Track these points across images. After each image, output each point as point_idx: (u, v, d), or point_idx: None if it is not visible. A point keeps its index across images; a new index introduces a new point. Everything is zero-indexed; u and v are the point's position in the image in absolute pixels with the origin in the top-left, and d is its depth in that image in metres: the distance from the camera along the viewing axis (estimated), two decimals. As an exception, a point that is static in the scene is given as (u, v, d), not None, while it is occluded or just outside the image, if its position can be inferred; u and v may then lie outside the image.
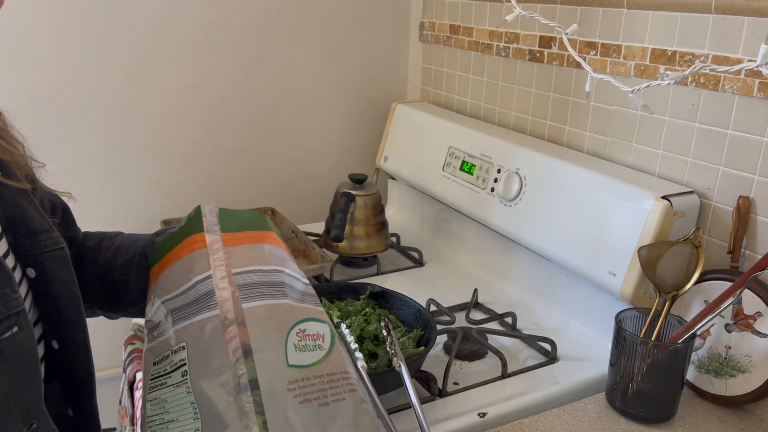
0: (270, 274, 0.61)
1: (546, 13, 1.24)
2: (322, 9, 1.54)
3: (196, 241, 0.62)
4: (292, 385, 0.56)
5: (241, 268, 0.60)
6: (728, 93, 0.96)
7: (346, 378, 0.60)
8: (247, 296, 0.59)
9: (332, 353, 0.60)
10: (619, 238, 1.01)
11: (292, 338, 0.58)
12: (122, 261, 0.74)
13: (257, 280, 0.60)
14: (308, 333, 0.60)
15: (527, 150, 1.21)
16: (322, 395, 0.57)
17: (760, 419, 0.91)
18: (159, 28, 1.39)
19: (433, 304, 1.19)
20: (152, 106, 1.42)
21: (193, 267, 0.60)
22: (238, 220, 0.64)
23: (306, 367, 0.58)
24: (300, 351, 0.58)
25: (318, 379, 0.58)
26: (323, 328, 0.61)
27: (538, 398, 0.95)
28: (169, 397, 0.57)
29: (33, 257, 0.58)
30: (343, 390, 0.59)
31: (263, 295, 0.59)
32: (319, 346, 0.60)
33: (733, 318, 0.92)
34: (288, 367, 0.56)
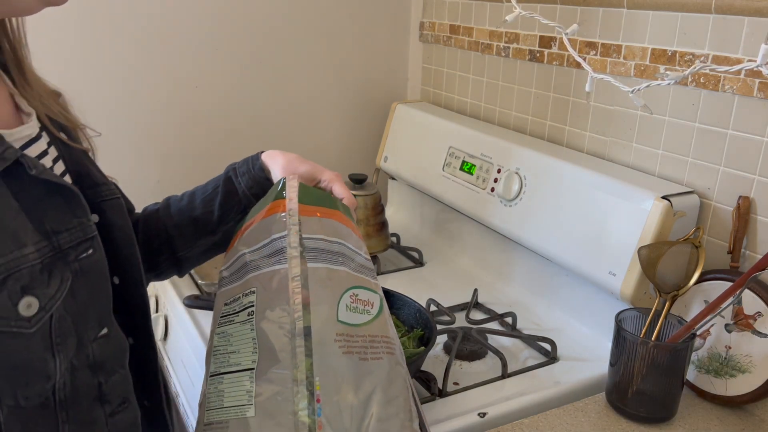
0: (333, 244, 0.70)
1: (546, 13, 1.24)
2: (322, 9, 1.54)
3: (278, 206, 0.72)
4: (339, 337, 0.64)
5: (311, 234, 0.70)
6: (728, 93, 0.96)
7: (387, 342, 0.68)
8: (312, 258, 0.68)
9: (377, 319, 0.69)
10: (619, 238, 1.01)
11: (345, 299, 0.67)
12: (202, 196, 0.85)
13: (322, 246, 0.69)
14: (360, 298, 0.69)
15: (527, 150, 1.21)
16: (363, 351, 0.65)
17: (760, 419, 0.91)
18: (159, 28, 1.39)
19: (433, 304, 1.19)
20: (152, 106, 1.42)
21: (272, 227, 0.70)
22: (313, 196, 0.74)
23: (352, 325, 0.66)
24: (350, 311, 0.67)
25: (361, 337, 0.66)
26: (374, 297, 0.70)
27: (538, 398, 0.95)
28: (235, 332, 0.67)
29: (96, 205, 0.67)
30: (382, 351, 0.67)
31: (325, 259, 0.68)
32: (367, 311, 0.69)
33: (733, 318, 0.92)
34: (337, 322, 0.65)
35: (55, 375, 0.55)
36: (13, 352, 0.51)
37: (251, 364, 0.64)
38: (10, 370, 0.52)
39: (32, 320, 0.52)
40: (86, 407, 0.60)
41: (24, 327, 0.51)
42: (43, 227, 0.55)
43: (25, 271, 0.52)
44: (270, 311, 0.65)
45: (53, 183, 0.57)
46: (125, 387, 0.65)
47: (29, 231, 0.53)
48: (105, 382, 0.61)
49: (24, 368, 0.53)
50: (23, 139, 0.60)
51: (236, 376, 0.65)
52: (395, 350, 0.68)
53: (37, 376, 0.54)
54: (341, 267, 0.69)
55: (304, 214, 0.71)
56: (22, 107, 0.63)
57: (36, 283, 0.52)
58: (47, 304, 0.53)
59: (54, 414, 0.56)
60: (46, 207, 0.56)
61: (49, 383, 0.55)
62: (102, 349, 0.61)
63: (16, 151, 0.54)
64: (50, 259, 0.54)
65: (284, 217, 0.70)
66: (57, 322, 0.54)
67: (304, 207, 0.72)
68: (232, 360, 0.66)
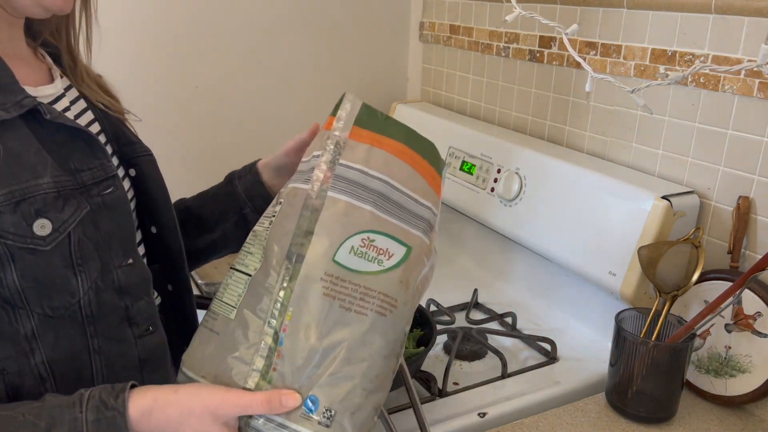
0: (372, 179, 0.65)
1: (546, 13, 1.24)
2: (322, 9, 1.54)
3: (329, 121, 0.68)
4: (327, 276, 0.61)
5: (350, 162, 0.66)
6: (728, 93, 0.96)
7: (384, 301, 0.62)
8: (337, 188, 0.65)
9: (387, 274, 0.63)
10: (619, 238, 1.01)
11: (353, 240, 0.62)
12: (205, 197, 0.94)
13: (355, 178, 0.65)
14: (375, 244, 0.63)
15: (527, 150, 1.21)
16: (348, 300, 0.61)
17: (760, 419, 0.91)
18: (158, 28, 1.39)
19: (433, 304, 1.19)
20: (152, 106, 1.42)
21: (318, 142, 0.68)
22: (377, 121, 0.69)
23: (349, 269, 0.62)
24: (354, 255, 0.62)
25: (353, 285, 0.62)
26: (397, 249, 0.64)
27: (538, 398, 0.95)
28: (258, 235, 0.67)
29: (132, 159, 0.78)
30: (371, 308, 0.62)
31: (351, 193, 0.65)
32: (379, 260, 0.63)
33: (733, 318, 0.92)
34: (331, 261, 0.62)
35: (79, 292, 0.64)
36: (34, 266, 0.61)
37: (253, 271, 0.65)
38: (33, 282, 0.61)
39: (47, 239, 0.61)
40: (115, 326, 0.69)
41: (40, 245, 0.61)
42: (68, 165, 0.65)
43: (39, 198, 0.61)
44: (281, 228, 0.64)
45: (73, 128, 0.66)
46: (151, 312, 0.72)
47: (49, 166, 0.62)
48: (131, 305, 0.70)
49: (46, 282, 0.62)
50: (49, 96, 0.70)
51: (239, 276, 0.66)
52: (390, 313, 0.63)
53: (60, 291, 0.63)
54: (367, 206, 0.64)
55: (354, 138, 0.67)
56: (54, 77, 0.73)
57: (49, 207, 0.62)
58: (60, 226, 0.62)
59: (82, 327, 0.66)
60: (70, 149, 0.66)
61: (74, 299, 0.64)
62: (127, 276, 0.69)
63: (33, 100, 0.63)
64: (69, 190, 0.64)
65: (326, 136, 0.67)
66: (77, 245, 0.64)
67: (358, 130, 0.67)
68: (246, 260, 0.66)
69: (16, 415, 0.58)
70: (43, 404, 0.60)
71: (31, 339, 0.63)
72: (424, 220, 0.68)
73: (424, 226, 0.68)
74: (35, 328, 0.63)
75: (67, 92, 0.74)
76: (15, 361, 0.63)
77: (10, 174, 0.60)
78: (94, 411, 0.59)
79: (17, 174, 0.60)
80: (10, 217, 0.59)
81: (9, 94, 0.62)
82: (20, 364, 0.63)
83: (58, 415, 0.58)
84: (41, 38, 0.76)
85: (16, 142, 0.61)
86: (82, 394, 0.60)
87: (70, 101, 0.74)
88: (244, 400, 0.61)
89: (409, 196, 0.67)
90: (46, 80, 0.72)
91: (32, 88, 0.67)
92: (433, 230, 0.69)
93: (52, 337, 0.64)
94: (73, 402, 0.60)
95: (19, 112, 0.62)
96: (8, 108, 0.61)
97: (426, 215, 0.68)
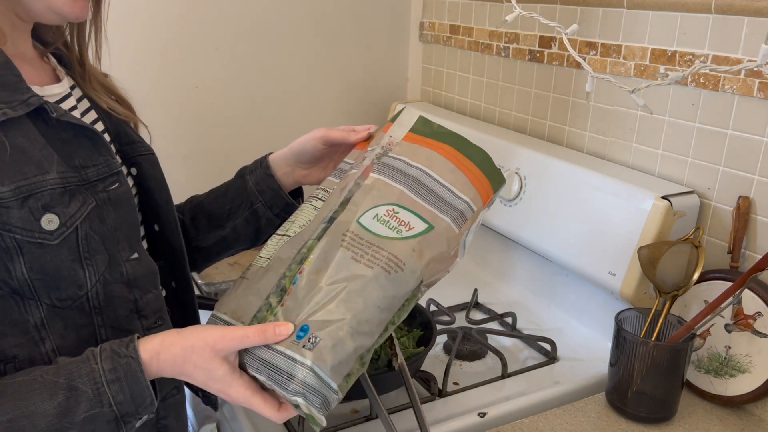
0: (411, 167, 0.73)
1: (546, 13, 1.24)
2: (322, 9, 1.54)
3: (386, 127, 0.79)
4: (348, 233, 0.69)
5: (396, 155, 0.74)
6: (728, 93, 0.96)
7: (393, 261, 0.68)
8: (378, 170, 0.73)
9: (402, 242, 0.69)
10: (619, 238, 1.01)
11: (379, 209, 0.70)
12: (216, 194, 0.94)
13: (396, 165, 0.73)
14: (399, 216, 0.70)
15: (527, 150, 1.21)
16: (361, 253, 0.67)
17: (760, 419, 0.91)
18: (158, 28, 1.39)
19: (433, 304, 1.19)
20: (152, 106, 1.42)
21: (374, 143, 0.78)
22: (430, 131, 0.77)
23: (370, 231, 0.69)
24: (378, 221, 0.69)
25: (370, 245, 0.68)
26: (419, 224, 0.70)
27: (538, 398, 0.95)
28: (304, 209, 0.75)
29: (134, 158, 0.79)
30: (379, 263, 0.67)
31: (389, 175, 0.73)
32: (398, 229, 0.70)
33: (733, 318, 0.92)
34: (356, 222, 0.69)
35: (86, 284, 0.66)
36: (42, 259, 0.63)
37: (293, 233, 0.72)
38: (41, 275, 0.64)
39: (54, 234, 0.63)
40: (124, 318, 0.71)
41: (47, 239, 0.63)
42: (72, 162, 0.67)
43: (46, 193, 0.63)
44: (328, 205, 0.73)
45: (78, 126, 0.68)
46: (158, 306, 0.75)
47: (55, 162, 0.64)
48: (140, 298, 0.72)
49: (53, 274, 0.64)
50: (55, 96, 0.72)
51: (278, 238, 0.73)
52: (393, 272, 0.67)
53: (68, 283, 0.65)
54: (399, 185, 0.72)
55: (407, 140, 0.76)
56: (60, 77, 0.75)
57: (56, 202, 0.63)
58: (68, 221, 0.64)
59: (90, 317, 0.68)
60: (75, 146, 0.68)
61: (82, 291, 0.66)
62: (134, 269, 0.72)
63: (39, 98, 0.64)
64: (75, 186, 0.66)
65: (382, 137, 0.77)
66: (84, 240, 0.66)
67: (412, 135, 0.76)
68: (285, 226, 0.74)
69: (34, 378, 0.61)
70: (58, 365, 0.63)
71: (40, 328, 0.65)
72: (456, 209, 0.73)
73: (454, 214, 0.73)
74: (44, 318, 0.65)
75: (73, 91, 0.76)
76: (26, 349, 0.65)
77: (17, 170, 0.61)
78: (108, 360, 0.62)
79: (24, 170, 0.62)
80: (17, 212, 0.61)
81: (16, 93, 0.63)
82: (31, 351, 0.65)
83: (75, 370, 0.61)
84: (53, 47, 0.77)
85: (22, 139, 0.63)
86: (92, 350, 0.64)
87: (77, 100, 0.75)
88: (239, 333, 0.64)
89: (445, 187, 0.73)
90: (52, 80, 0.74)
91: (39, 88, 0.69)
92: (466, 222, 0.74)
93: (61, 327, 0.66)
94: (87, 357, 0.63)
95: (25, 110, 0.63)
96: (15, 106, 0.62)
97: (460, 206, 0.74)
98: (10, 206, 0.61)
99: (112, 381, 0.61)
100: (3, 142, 0.61)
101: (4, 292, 0.63)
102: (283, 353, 0.64)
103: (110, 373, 0.62)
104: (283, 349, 0.64)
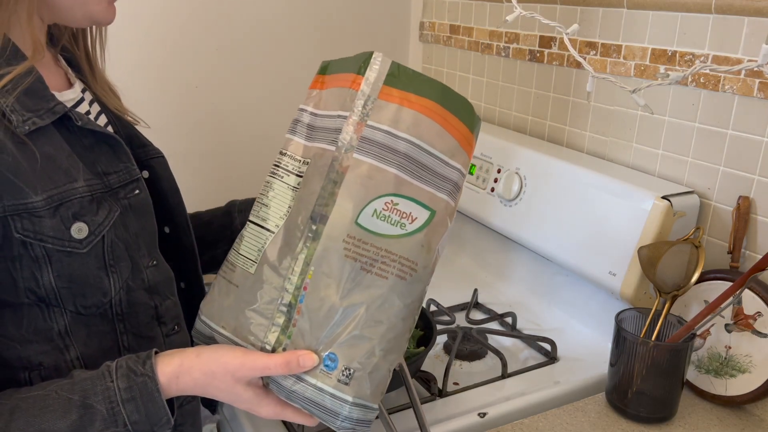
0: (398, 140, 0.64)
1: (546, 13, 1.24)
2: (323, 9, 1.54)
3: (355, 81, 0.67)
4: (349, 239, 0.63)
5: (376, 123, 0.65)
6: (728, 93, 0.96)
7: (405, 265, 0.63)
8: (362, 150, 0.64)
9: (410, 237, 0.64)
10: (619, 238, 1.01)
11: (376, 204, 0.63)
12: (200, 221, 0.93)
13: (381, 140, 0.64)
14: (399, 208, 0.64)
15: (527, 150, 1.21)
16: (370, 263, 0.62)
17: (760, 419, 0.91)
18: (159, 28, 1.39)
19: (433, 304, 1.19)
20: (152, 106, 1.42)
21: (343, 101, 0.67)
22: (408, 79, 0.66)
23: (372, 232, 0.63)
24: (377, 218, 0.63)
25: (375, 248, 0.63)
26: (420, 212, 0.64)
27: (538, 398, 0.95)
28: (278, 189, 0.68)
29: (145, 162, 0.80)
30: (392, 272, 0.63)
31: (376, 155, 0.64)
32: (402, 224, 0.64)
33: (733, 318, 0.92)
34: (354, 224, 0.63)
35: (111, 292, 0.67)
36: (69, 268, 0.63)
37: (275, 228, 0.66)
38: (68, 282, 0.63)
39: (84, 242, 0.64)
40: (145, 324, 0.71)
41: (77, 248, 0.63)
42: (95, 169, 0.67)
43: (75, 201, 0.63)
44: (308, 188, 0.65)
45: (99, 133, 0.68)
46: (176, 312, 0.76)
47: (81, 170, 0.64)
48: (160, 305, 0.73)
49: (80, 282, 0.64)
50: (71, 101, 0.72)
51: (258, 230, 0.67)
52: (410, 276, 0.64)
53: (93, 290, 0.65)
54: (391, 168, 0.64)
55: (383, 98, 0.65)
56: (71, 80, 0.75)
57: (85, 211, 0.64)
58: (96, 229, 0.64)
59: (112, 324, 0.68)
60: (97, 153, 0.68)
61: (106, 298, 0.66)
62: (154, 276, 0.72)
63: (65, 106, 0.65)
64: (100, 194, 0.66)
65: (354, 96, 0.66)
66: (110, 247, 0.66)
67: (387, 89, 0.66)
68: (261, 213, 0.68)
69: (48, 393, 0.60)
70: (73, 380, 0.62)
71: (64, 336, 0.65)
72: (451, 181, 0.67)
73: (450, 188, 0.67)
74: (68, 325, 0.65)
75: (84, 95, 0.76)
76: (51, 357, 0.65)
77: (48, 179, 0.61)
78: (124, 379, 0.61)
79: (54, 178, 0.62)
80: (50, 221, 0.61)
81: (42, 101, 0.63)
82: (56, 359, 0.66)
83: (90, 387, 0.61)
84: (60, 45, 0.77)
85: (50, 148, 0.62)
86: (108, 365, 0.63)
87: (89, 104, 0.76)
88: (261, 363, 0.62)
89: (438, 158, 0.66)
90: (65, 84, 0.74)
91: (57, 93, 0.68)
92: (459, 191, 0.69)
93: (84, 334, 0.67)
94: (102, 373, 0.62)
95: (52, 118, 0.63)
96: (42, 115, 0.62)
97: (453, 177, 0.67)
98: (42, 215, 0.61)
99: (127, 400, 0.61)
100: (33, 151, 0.61)
101: (30, 300, 0.63)
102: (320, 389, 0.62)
103: (126, 392, 0.61)
104: (315, 382, 0.62)
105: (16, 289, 0.62)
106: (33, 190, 0.60)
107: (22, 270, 0.62)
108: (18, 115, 0.60)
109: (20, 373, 0.65)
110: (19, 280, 0.62)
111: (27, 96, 0.62)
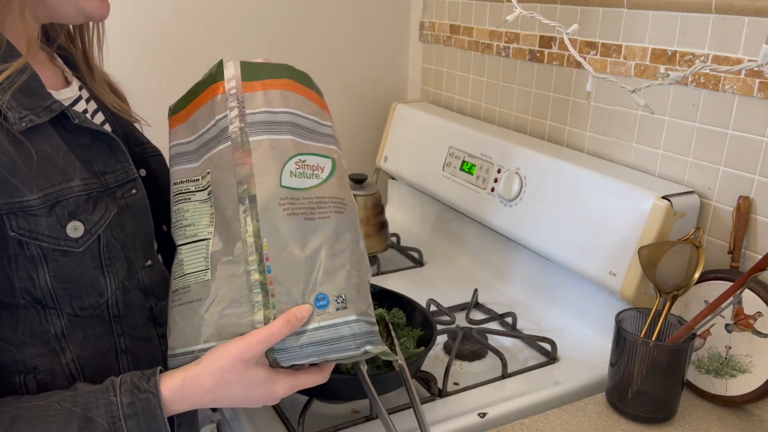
0: (278, 114, 0.72)
1: (546, 13, 1.24)
2: (323, 9, 1.54)
3: (217, 89, 0.73)
4: (283, 201, 0.68)
5: (254, 109, 0.72)
6: (728, 93, 0.96)
7: (336, 202, 0.72)
8: (255, 132, 0.70)
9: (327, 182, 0.72)
10: (619, 238, 1.01)
11: (289, 166, 0.70)
12: None
13: (265, 119, 0.71)
14: (307, 163, 0.71)
15: (527, 150, 1.21)
16: (309, 212, 0.69)
17: (760, 419, 0.91)
18: (159, 28, 1.39)
19: (433, 304, 1.19)
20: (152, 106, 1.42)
21: (215, 110, 0.72)
22: (257, 71, 0.75)
23: (297, 189, 0.70)
24: (295, 176, 0.70)
25: (307, 199, 0.70)
26: (324, 162, 0.73)
27: (538, 398, 0.95)
28: (191, 209, 0.72)
29: (143, 160, 0.80)
30: (330, 210, 0.71)
31: (269, 131, 0.71)
32: (316, 175, 0.72)
33: (733, 318, 0.92)
34: (280, 187, 0.69)
35: (107, 292, 0.66)
36: (66, 267, 0.63)
37: (208, 234, 0.70)
38: (64, 282, 0.63)
39: (79, 241, 0.63)
40: (142, 325, 0.71)
41: (72, 247, 0.63)
42: (92, 168, 0.67)
43: (71, 200, 0.63)
44: (223, 186, 0.69)
45: (97, 131, 0.68)
46: None
47: (77, 169, 0.64)
48: (155, 305, 0.73)
49: (76, 282, 0.64)
50: (68, 99, 0.71)
51: (193, 246, 0.71)
52: (345, 209, 0.72)
53: (89, 290, 0.65)
54: (286, 136, 0.71)
55: (247, 91, 0.73)
56: (68, 78, 0.75)
57: (81, 210, 0.63)
58: (92, 228, 0.64)
59: (109, 326, 0.68)
60: (94, 152, 0.68)
61: (102, 299, 0.66)
62: (149, 276, 0.72)
63: (62, 105, 0.65)
64: (97, 193, 0.66)
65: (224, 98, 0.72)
66: (105, 247, 0.66)
67: (247, 84, 0.73)
68: (188, 232, 0.71)
69: (50, 404, 0.60)
70: (76, 392, 0.62)
71: (60, 338, 0.65)
72: (331, 136, 0.76)
73: (333, 140, 0.76)
74: (65, 328, 0.65)
75: (81, 93, 0.76)
76: (46, 360, 0.65)
77: (44, 177, 0.61)
78: (128, 394, 0.61)
79: (50, 177, 0.61)
80: (45, 220, 0.61)
81: (38, 99, 0.63)
82: (52, 362, 0.65)
83: (93, 400, 0.61)
84: (56, 43, 0.77)
85: (46, 146, 0.62)
86: (112, 380, 0.63)
87: (86, 102, 0.75)
88: (264, 334, 0.64)
89: (313, 120, 0.75)
90: (62, 83, 0.74)
91: (55, 92, 0.68)
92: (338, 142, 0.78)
93: (81, 337, 0.66)
94: (106, 388, 0.62)
95: (49, 117, 0.63)
96: (39, 113, 0.62)
97: (330, 132, 0.77)
98: (38, 214, 0.60)
99: (129, 416, 0.61)
100: (29, 150, 0.60)
101: (26, 301, 0.63)
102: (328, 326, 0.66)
103: (128, 407, 0.61)
104: (320, 323, 0.66)
105: (12, 290, 0.62)
106: (29, 188, 0.60)
107: (18, 270, 0.62)
108: (14, 112, 0.60)
109: (15, 377, 0.64)
110: (15, 280, 0.62)
111: (23, 94, 0.62)
